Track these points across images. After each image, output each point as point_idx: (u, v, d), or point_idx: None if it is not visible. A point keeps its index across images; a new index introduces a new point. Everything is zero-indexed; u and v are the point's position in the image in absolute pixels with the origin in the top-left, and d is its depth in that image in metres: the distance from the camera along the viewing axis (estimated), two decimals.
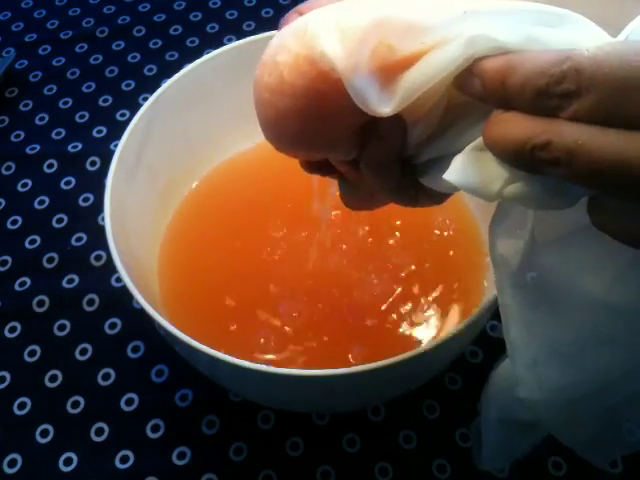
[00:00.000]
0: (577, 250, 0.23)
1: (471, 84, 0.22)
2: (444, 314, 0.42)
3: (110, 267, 0.48)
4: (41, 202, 0.54)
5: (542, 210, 0.23)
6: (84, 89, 0.61)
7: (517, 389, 0.28)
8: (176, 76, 0.45)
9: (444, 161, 0.25)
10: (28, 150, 0.57)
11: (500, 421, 0.32)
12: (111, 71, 0.62)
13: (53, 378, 0.45)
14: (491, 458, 0.34)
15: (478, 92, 0.21)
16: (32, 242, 0.52)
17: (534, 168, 0.20)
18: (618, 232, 0.20)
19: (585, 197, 0.21)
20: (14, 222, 0.53)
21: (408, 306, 0.42)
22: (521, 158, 0.20)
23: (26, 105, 0.61)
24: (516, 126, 0.20)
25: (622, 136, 0.18)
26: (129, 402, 0.44)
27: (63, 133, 0.58)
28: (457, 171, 0.22)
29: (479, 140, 0.22)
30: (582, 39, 0.20)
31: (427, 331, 0.41)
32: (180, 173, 0.48)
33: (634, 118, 0.18)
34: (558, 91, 0.19)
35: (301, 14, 0.26)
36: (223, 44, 0.46)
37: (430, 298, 0.43)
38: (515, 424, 0.30)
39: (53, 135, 0.58)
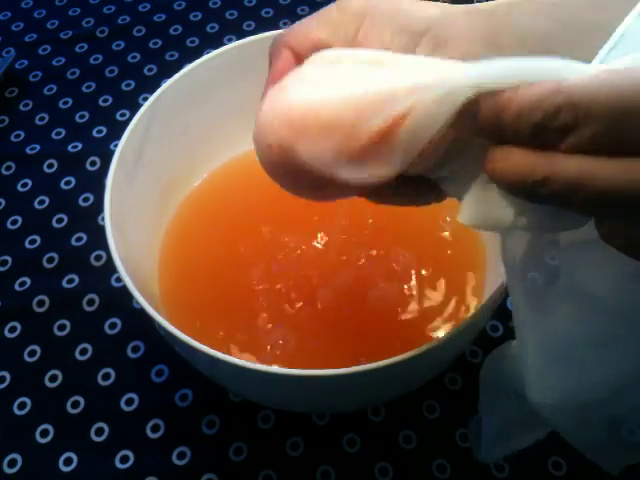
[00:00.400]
0: (585, 253, 0.24)
1: (466, 125, 0.22)
2: (444, 314, 0.42)
3: (110, 267, 0.47)
4: (41, 202, 0.54)
5: (555, 233, 0.24)
6: (84, 89, 0.61)
7: (529, 392, 0.28)
8: (176, 76, 0.44)
9: (456, 175, 0.25)
10: (28, 150, 0.57)
11: (501, 406, 0.32)
12: (111, 71, 0.62)
13: (53, 378, 0.45)
14: (490, 448, 0.34)
15: (475, 132, 0.22)
16: (32, 242, 0.52)
17: (538, 201, 0.20)
18: (623, 246, 0.20)
19: None
20: (14, 222, 0.53)
21: (408, 306, 0.42)
22: (524, 193, 0.20)
23: (26, 105, 0.60)
24: (514, 162, 0.20)
25: (622, 164, 0.18)
26: (129, 402, 0.44)
27: (63, 133, 0.58)
28: (469, 213, 0.23)
29: (485, 176, 0.22)
30: (564, 68, 0.20)
31: (427, 331, 0.41)
32: (180, 173, 0.48)
33: (633, 146, 0.18)
34: (555, 125, 0.19)
35: (288, 46, 0.27)
36: (223, 44, 0.46)
37: (430, 298, 0.42)
38: (519, 410, 0.30)
39: (53, 135, 0.58)
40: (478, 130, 0.21)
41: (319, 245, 0.45)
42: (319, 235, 0.45)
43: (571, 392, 0.27)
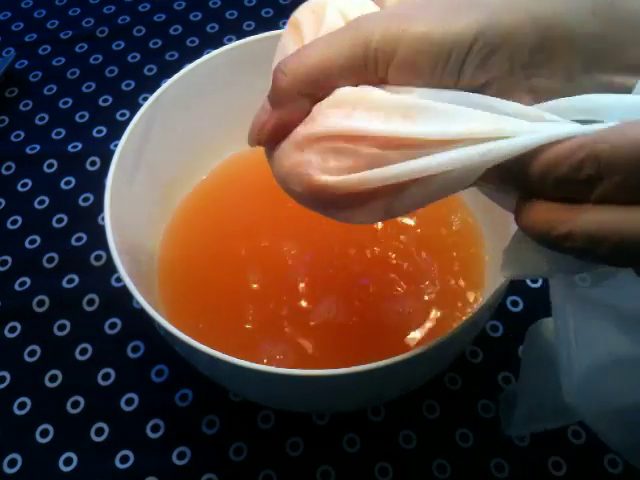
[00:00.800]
0: None
1: (489, 179, 0.22)
2: (444, 314, 0.42)
3: (110, 267, 0.48)
4: (41, 202, 0.54)
5: (590, 273, 0.25)
6: (84, 89, 0.61)
7: (566, 393, 0.28)
8: (176, 76, 0.44)
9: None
10: (28, 150, 0.57)
11: (535, 387, 0.32)
12: (111, 71, 0.62)
13: (53, 378, 0.45)
14: (520, 424, 0.35)
15: (498, 188, 0.22)
16: (32, 242, 0.52)
17: (565, 252, 0.21)
18: None
19: None
20: (14, 222, 0.53)
21: (408, 306, 0.42)
22: (551, 245, 0.21)
23: (26, 105, 0.61)
24: (539, 216, 0.21)
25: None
26: (129, 402, 0.44)
27: (63, 133, 0.58)
28: (510, 267, 0.25)
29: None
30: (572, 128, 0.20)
31: (427, 331, 0.41)
32: (180, 173, 0.48)
33: None
34: (578, 177, 0.19)
35: (284, 73, 0.25)
36: (223, 44, 0.46)
37: (430, 298, 0.42)
38: (553, 396, 0.30)
39: (53, 135, 0.58)
40: (502, 184, 0.22)
41: (322, 246, 0.45)
42: (321, 236, 0.45)
43: (614, 401, 0.27)
